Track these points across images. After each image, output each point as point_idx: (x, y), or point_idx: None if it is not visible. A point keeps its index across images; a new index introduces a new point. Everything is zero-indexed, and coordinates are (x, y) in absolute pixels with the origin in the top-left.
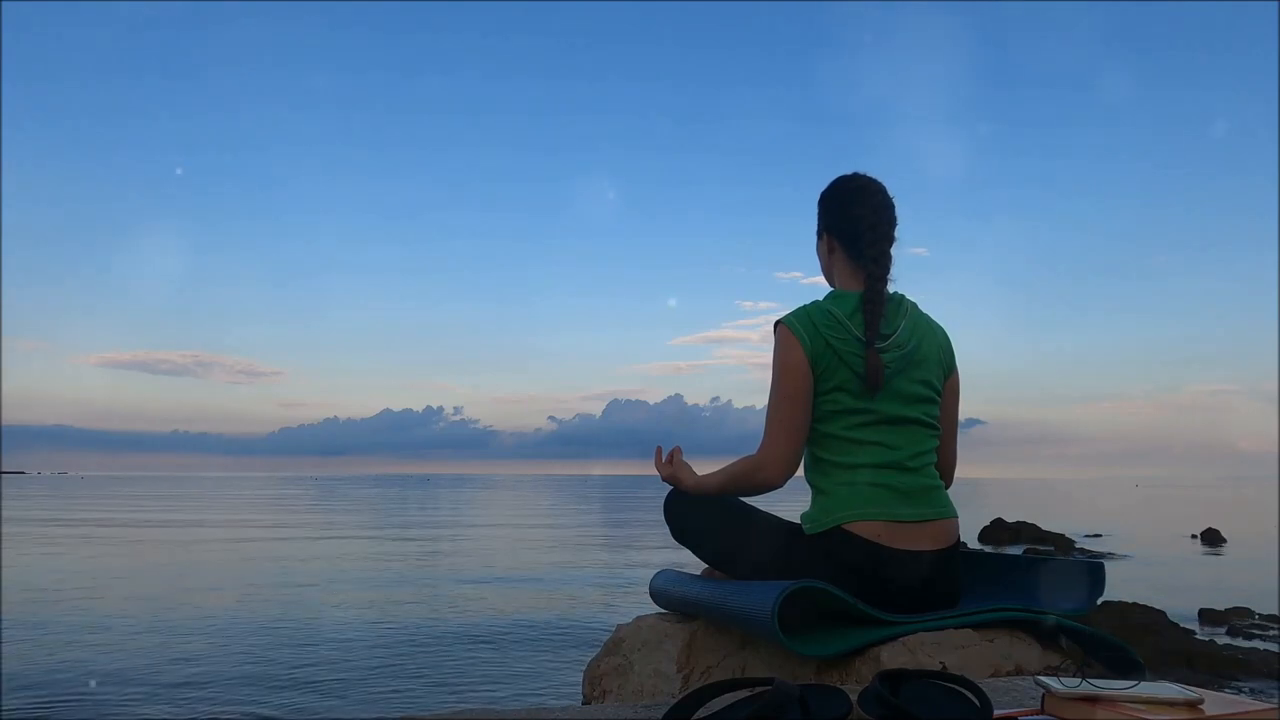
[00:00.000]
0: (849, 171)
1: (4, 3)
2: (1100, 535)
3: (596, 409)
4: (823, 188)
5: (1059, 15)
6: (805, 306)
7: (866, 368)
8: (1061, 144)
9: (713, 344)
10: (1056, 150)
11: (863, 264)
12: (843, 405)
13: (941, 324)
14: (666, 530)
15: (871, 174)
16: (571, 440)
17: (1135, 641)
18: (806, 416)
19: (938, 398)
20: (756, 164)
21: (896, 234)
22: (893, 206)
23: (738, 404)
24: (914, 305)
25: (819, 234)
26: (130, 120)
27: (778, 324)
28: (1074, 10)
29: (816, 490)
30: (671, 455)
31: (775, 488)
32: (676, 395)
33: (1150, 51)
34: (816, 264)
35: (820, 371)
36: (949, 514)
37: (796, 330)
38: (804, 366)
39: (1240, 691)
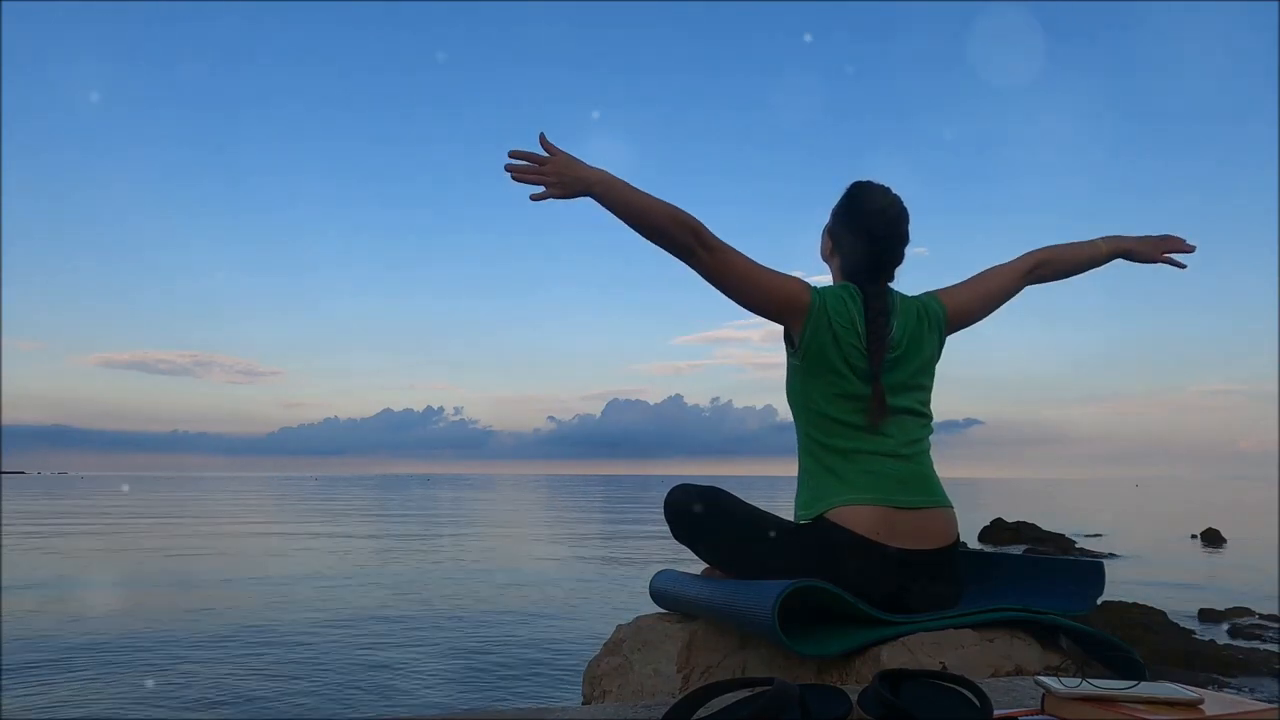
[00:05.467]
0: (867, 179)
1: (4, 2)
2: (1100, 535)
3: (596, 409)
4: (825, 183)
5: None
6: (828, 285)
7: (870, 401)
8: (1060, 142)
9: (713, 344)
10: (1055, 147)
11: (859, 287)
12: (837, 389)
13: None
14: (666, 530)
15: (883, 170)
16: (571, 440)
17: (1135, 641)
18: (751, 284)
19: (930, 383)
20: (758, 160)
21: (905, 251)
22: (904, 239)
23: (738, 404)
24: (900, 296)
25: (827, 229)
26: (129, 118)
27: None
28: (1070, 9)
29: (808, 473)
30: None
31: (688, 239)
32: (676, 395)
33: (1145, 50)
34: (818, 263)
35: (814, 346)
36: (944, 502)
37: (816, 292)
38: (801, 304)
39: (1240, 691)
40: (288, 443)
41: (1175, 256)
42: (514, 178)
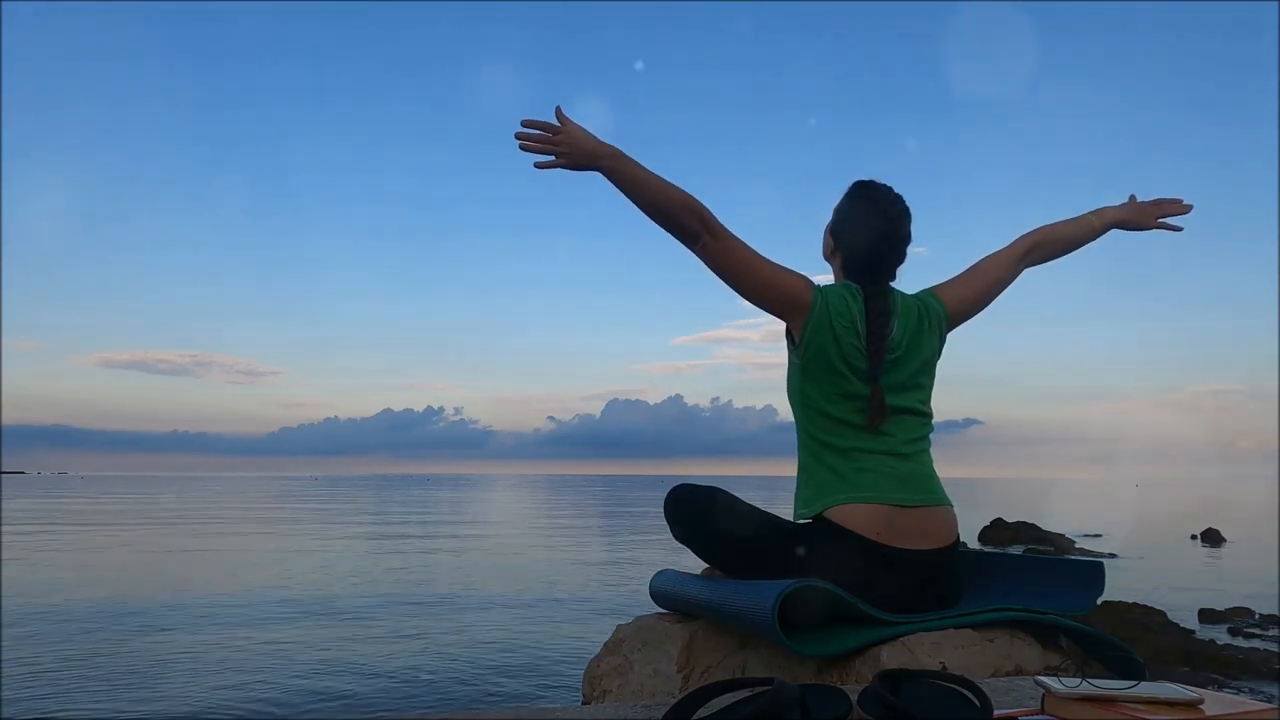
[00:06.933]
0: (869, 179)
1: (4, 3)
2: (1100, 535)
3: (596, 409)
4: (822, 181)
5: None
6: (830, 284)
7: (870, 402)
8: (1059, 139)
9: (713, 344)
10: (1055, 145)
11: (861, 287)
12: (837, 388)
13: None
14: (666, 530)
15: (887, 168)
16: (571, 440)
17: (1135, 641)
18: (754, 275)
19: (930, 383)
20: (756, 160)
21: (907, 250)
22: (906, 238)
23: (738, 404)
24: (901, 295)
25: (829, 228)
26: (129, 118)
27: None
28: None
29: (808, 471)
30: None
31: (694, 223)
32: (676, 395)
33: (1145, 47)
34: (819, 263)
35: (814, 345)
36: (944, 501)
37: (818, 290)
38: (803, 302)
39: (1240, 691)
40: (288, 443)
41: (1170, 220)
42: (522, 146)
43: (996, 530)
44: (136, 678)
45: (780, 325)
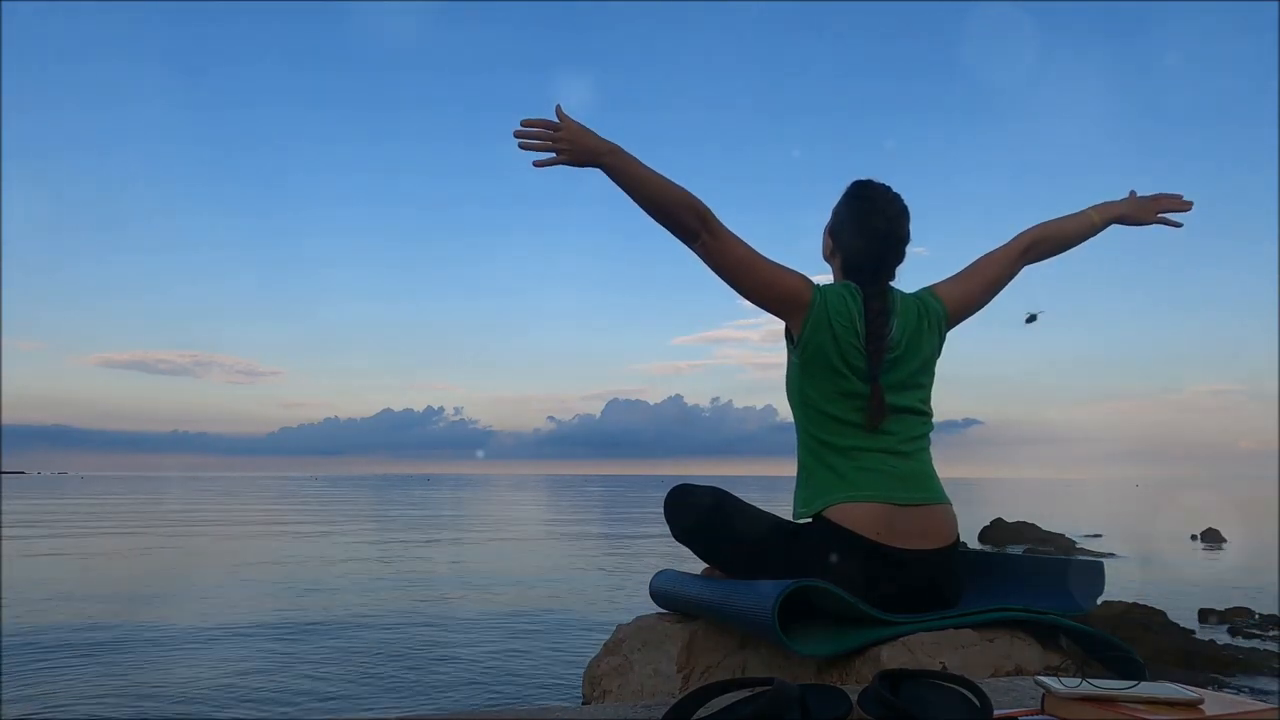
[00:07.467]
0: (867, 179)
1: (4, 2)
2: (1100, 535)
3: (596, 409)
4: (820, 181)
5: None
6: (830, 284)
7: (869, 402)
8: (1058, 138)
9: (713, 344)
10: (1054, 144)
11: (860, 287)
12: (836, 388)
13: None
14: (666, 530)
15: (888, 170)
16: (571, 440)
17: (1135, 641)
18: (754, 274)
19: (930, 382)
20: (755, 161)
21: (906, 250)
22: (905, 238)
23: (738, 404)
24: (900, 294)
25: (828, 229)
26: (130, 118)
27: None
28: (1074, 9)
29: (807, 470)
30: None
31: (694, 221)
32: (676, 395)
33: (1147, 45)
34: (818, 263)
35: (813, 344)
36: (943, 499)
37: (818, 289)
38: (802, 301)
39: (1240, 691)
40: (288, 443)
41: (1171, 216)
42: (522, 145)
43: (996, 530)
44: (136, 678)
45: (780, 325)
